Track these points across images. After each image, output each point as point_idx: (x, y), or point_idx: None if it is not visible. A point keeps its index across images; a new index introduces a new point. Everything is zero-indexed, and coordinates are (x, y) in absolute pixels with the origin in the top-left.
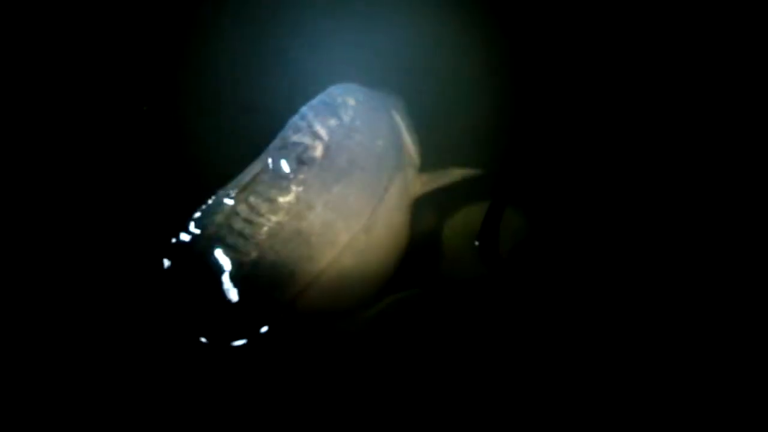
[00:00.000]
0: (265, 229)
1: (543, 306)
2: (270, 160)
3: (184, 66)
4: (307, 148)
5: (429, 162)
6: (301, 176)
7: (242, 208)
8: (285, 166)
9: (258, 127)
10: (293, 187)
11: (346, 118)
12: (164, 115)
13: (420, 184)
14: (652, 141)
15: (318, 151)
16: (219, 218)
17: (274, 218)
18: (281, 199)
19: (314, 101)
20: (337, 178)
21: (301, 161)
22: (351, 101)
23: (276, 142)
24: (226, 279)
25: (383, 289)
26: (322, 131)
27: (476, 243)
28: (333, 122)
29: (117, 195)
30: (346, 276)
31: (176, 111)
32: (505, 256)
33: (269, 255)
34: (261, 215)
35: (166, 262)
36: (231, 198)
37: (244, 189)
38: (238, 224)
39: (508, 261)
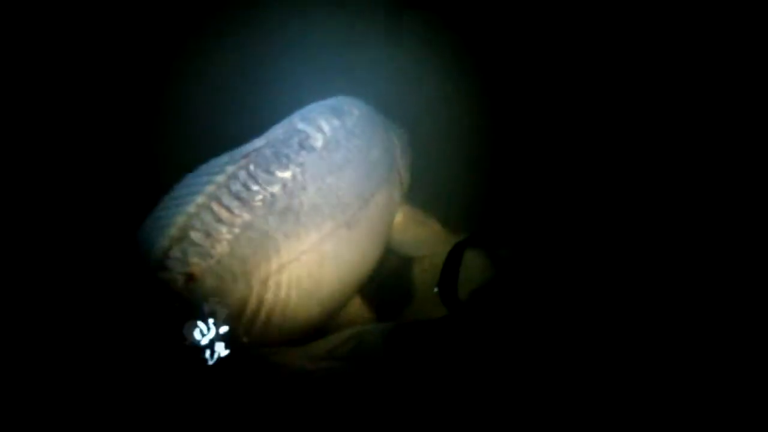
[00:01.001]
0: (260, 197)
1: (502, 348)
2: (274, 138)
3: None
4: (309, 136)
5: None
6: (301, 159)
7: (242, 174)
8: (287, 146)
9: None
10: (292, 166)
11: (348, 123)
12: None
13: (402, 214)
14: (615, 182)
15: (318, 142)
16: (220, 178)
17: (269, 189)
18: (279, 174)
19: (323, 102)
20: (331, 170)
21: (302, 146)
22: (356, 111)
23: (282, 125)
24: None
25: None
26: (326, 126)
27: (435, 289)
28: (336, 123)
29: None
30: (324, 264)
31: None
32: (465, 298)
33: (260, 222)
34: (258, 183)
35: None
36: (233, 163)
37: (246, 156)
38: (236, 187)
39: (468, 303)
